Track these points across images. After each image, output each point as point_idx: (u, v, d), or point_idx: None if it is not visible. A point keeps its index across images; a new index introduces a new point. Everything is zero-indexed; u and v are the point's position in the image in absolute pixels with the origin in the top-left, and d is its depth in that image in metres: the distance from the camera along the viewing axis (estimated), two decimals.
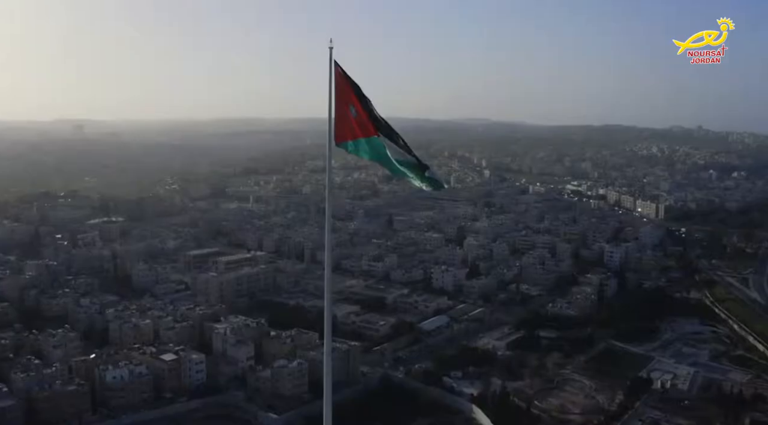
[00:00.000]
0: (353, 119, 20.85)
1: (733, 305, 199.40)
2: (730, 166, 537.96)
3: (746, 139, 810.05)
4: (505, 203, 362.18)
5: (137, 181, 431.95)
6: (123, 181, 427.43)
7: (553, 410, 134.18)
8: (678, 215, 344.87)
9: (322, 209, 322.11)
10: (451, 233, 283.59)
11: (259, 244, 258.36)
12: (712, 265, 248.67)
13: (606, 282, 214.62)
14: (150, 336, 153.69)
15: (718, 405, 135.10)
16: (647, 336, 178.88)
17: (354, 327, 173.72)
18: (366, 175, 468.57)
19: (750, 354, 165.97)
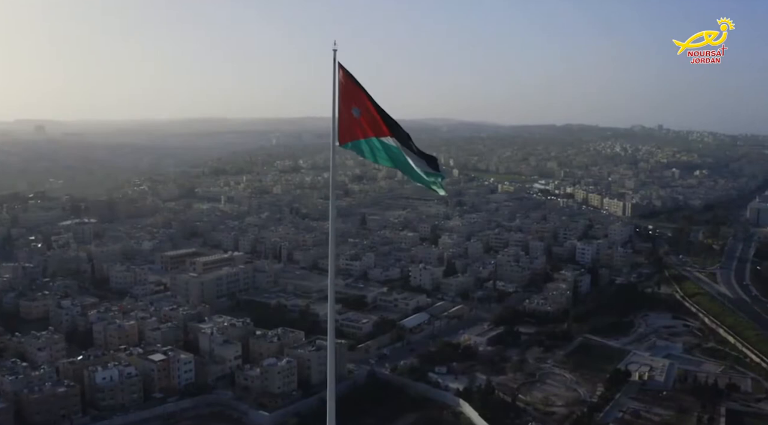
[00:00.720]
0: (356, 120, 21.10)
1: (702, 300, 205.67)
2: (692, 164, 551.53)
3: (706, 138, 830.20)
4: (476, 202, 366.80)
5: (104, 182, 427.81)
6: (89, 182, 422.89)
7: (537, 403, 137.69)
8: (644, 212, 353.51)
9: (295, 209, 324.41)
10: (425, 231, 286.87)
11: (235, 244, 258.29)
12: (681, 261, 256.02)
13: (580, 278, 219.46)
14: (135, 337, 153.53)
15: (695, 396, 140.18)
16: (622, 330, 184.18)
17: (337, 325, 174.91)
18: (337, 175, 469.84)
19: (722, 347, 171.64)
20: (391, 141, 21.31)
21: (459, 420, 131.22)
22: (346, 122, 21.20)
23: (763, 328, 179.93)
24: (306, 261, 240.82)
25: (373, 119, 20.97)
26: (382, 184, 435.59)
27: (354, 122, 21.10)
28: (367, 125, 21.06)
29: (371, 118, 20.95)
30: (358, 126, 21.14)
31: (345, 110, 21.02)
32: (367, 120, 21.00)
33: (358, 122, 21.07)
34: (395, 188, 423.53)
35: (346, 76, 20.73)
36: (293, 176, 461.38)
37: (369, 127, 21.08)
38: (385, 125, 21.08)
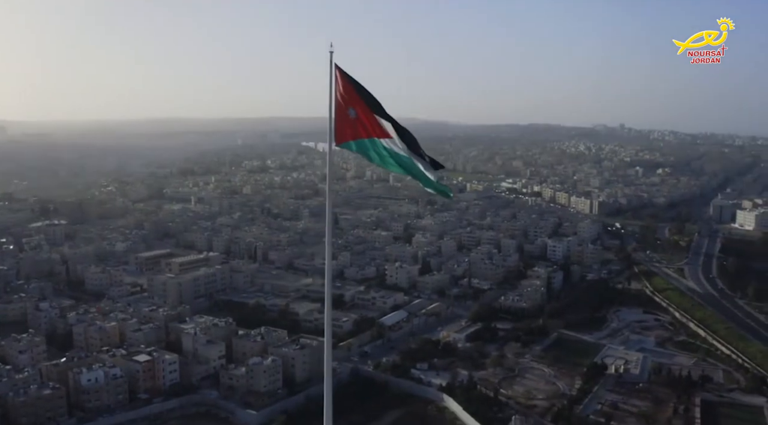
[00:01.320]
0: (353, 121, 21.10)
1: (672, 295, 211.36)
2: (655, 163, 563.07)
3: (667, 137, 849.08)
4: (446, 201, 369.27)
5: (70, 183, 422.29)
6: (55, 183, 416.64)
7: (519, 396, 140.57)
8: (611, 210, 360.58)
9: (267, 209, 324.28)
10: (398, 230, 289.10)
11: (209, 245, 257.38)
12: (649, 257, 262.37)
13: (553, 275, 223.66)
14: (116, 339, 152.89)
15: (670, 387, 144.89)
16: (596, 325, 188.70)
17: (317, 323, 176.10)
18: (305, 175, 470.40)
19: (692, 340, 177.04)
20: (387, 142, 21.28)
21: (444, 415, 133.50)
22: (342, 122, 21.24)
23: (732, 321, 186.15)
24: (281, 261, 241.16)
25: (370, 120, 21.01)
26: (352, 184, 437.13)
27: (351, 122, 21.14)
28: (363, 125, 21.09)
29: (367, 119, 20.99)
30: (355, 126, 21.19)
31: (341, 110, 21.13)
32: (363, 121, 21.03)
33: (354, 122, 21.11)
34: (365, 188, 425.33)
35: (342, 78, 20.88)
36: (262, 177, 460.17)
37: (366, 127, 21.12)
38: (381, 127, 21.09)
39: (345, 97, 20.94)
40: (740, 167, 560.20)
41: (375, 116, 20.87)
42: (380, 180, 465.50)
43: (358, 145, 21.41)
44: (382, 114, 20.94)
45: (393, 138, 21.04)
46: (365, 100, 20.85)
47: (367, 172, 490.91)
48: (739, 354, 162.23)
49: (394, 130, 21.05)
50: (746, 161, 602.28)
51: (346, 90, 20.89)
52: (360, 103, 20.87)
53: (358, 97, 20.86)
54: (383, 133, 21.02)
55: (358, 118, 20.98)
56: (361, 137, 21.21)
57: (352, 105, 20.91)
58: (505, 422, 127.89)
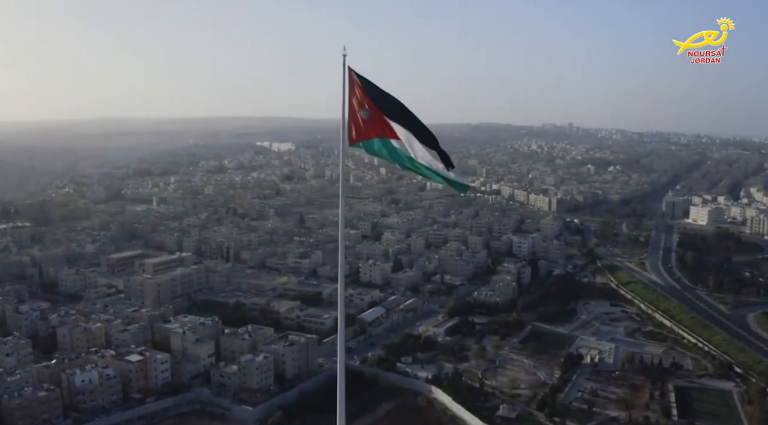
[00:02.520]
0: (366, 122, 21.62)
1: (636, 288, 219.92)
2: (605, 161, 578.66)
3: (614, 135, 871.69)
4: (409, 200, 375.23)
5: (23, 185, 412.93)
6: (8, 185, 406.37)
7: (503, 386, 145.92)
8: (569, 207, 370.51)
9: (232, 210, 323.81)
10: (366, 229, 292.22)
11: (179, 246, 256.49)
12: (610, 252, 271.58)
13: (522, 270, 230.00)
14: (102, 340, 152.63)
15: (644, 375, 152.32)
16: (567, 317, 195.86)
17: (299, 321, 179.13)
18: (265, 175, 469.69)
19: (659, 330, 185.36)
20: (397, 143, 21.69)
21: (433, 405, 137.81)
22: (356, 123, 21.86)
23: (695, 312, 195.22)
24: (253, 260, 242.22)
25: (382, 121, 21.55)
26: (313, 183, 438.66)
27: (364, 123, 21.71)
28: (375, 126, 21.66)
29: (379, 120, 21.53)
30: (368, 127, 21.76)
31: (354, 112, 21.71)
32: (375, 122, 21.61)
33: (367, 123, 21.68)
34: (326, 187, 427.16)
35: (356, 80, 21.46)
36: (222, 177, 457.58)
37: (378, 128, 21.67)
38: (392, 128, 21.54)
39: (358, 99, 21.49)
40: (688, 165, 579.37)
41: (385, 117, 21.37)
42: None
43: (369, 145, 22.00)
44: (392, 116, 21.39)
45: (401, 139, 21.46)
46: (376, 102, 21.37)
47: (327, 171, 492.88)
48: (705, 343, 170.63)
49: (405, 130, 21.39)
50: (693, 158, 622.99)
51: (360, 92, 21.45)
52: (372, 105, 21.40)
53: (370, 100, 21.37)
54: (393, 134, 21.52)
55: (370, 119, 21.54)
56: (372, 137, 21.81)
57: (365, 107, 21.46)
58: (493, 410, 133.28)
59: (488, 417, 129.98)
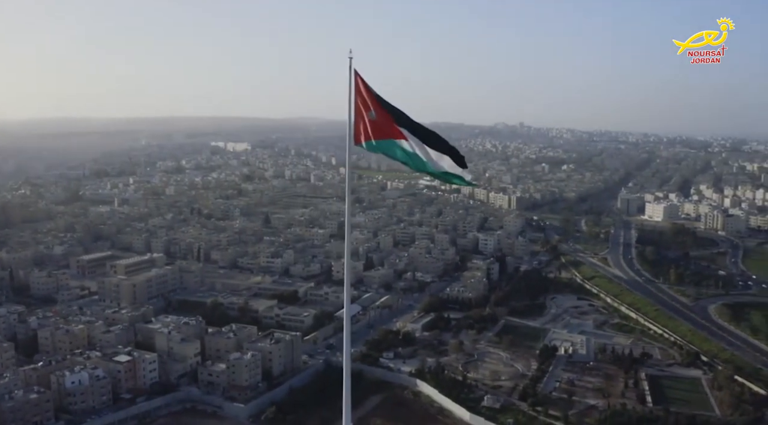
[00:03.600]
0: (372, 122, 22.18)
1: (600, 282, 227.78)
2: (558, 160, 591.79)
3: (565, 134, 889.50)
4: (372, 199, 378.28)
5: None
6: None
7: (485, 378, 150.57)
8: (528, 205, 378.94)
9: (196, 210, 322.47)
10: (333, 228, 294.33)
11: (147, 246, 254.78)
12: (573, 248, 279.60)
13: (491, 267, 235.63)
14: (84, 341, 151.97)
15: (616, 365, 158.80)
16: (537, 311, 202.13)
17: (278, 319, 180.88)
18: (225, 175, 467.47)
19: (626, 322, 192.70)
20: (403, 144, 22.37)
21: (420, 398, 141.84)
22: (362, 123, 22.39)
23: (659, 304, 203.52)
24: (225, 261, 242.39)
25: (388, 122, 22.18)
26: (275, 183, 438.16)
27: (370, 124, 22.23)
28: (382, 126, 22.20)
29: (386, 121, 22.14)
30: (374, 128, 22.27)
31: (360, 112, 22.29)
32: (382, 123, 22.14)
33: (373, 124, 22.20)
34: (288, 187, 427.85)
35: (362, 82, 22.02)
36: (181, 177, 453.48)
37: (384, 129, 22.23)
38: (398, 129, 22.27)
39: (365, 100, 22.06)
40: (638, 163, 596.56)
41: (391, 118, 22.09)
42: (301, 180, 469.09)
43: (376, 144, 22.52)
44: (398, 118, 22.19)
45: (408, 140, 22.19)
46: (382, 104, 22.06)
47: (287, 171, 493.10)
48: (670, 333, 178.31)
49: (410, 132, 22.26)
50: (642, 157, 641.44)
51: (367, 94, 22.03)
52: (378, 106, 22.04)
53: (376, 101, 22.01)
54: (400, 135, 22.19)
55: (377, 120, 22.09)
56: (379, 137, 22.34)
57: (373, 108, 22.03)
58: (477, 401, 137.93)
59: (474, 408, 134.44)
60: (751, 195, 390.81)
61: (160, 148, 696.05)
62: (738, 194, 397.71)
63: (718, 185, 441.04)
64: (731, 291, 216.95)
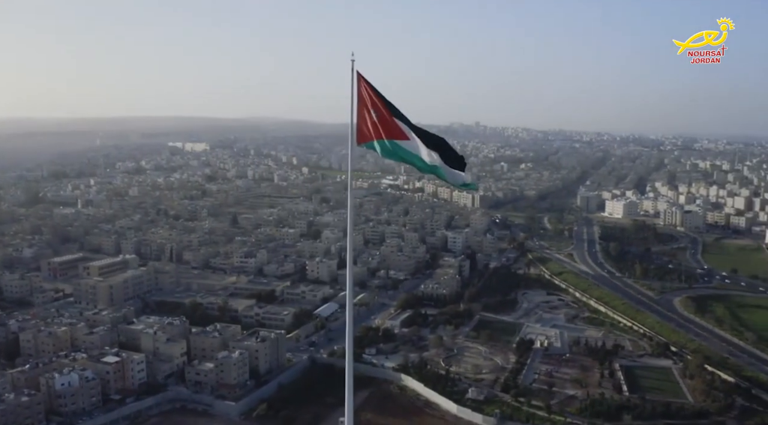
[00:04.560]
0: (374, 123, 22.47)
1: (568, 277, 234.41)
2: (516, 158, 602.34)
3: (521, 134, 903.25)
4: (339, 198, 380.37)
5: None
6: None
7: (467, 372, 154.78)
8: (491, 203, 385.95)
9: (163, 211, 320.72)
10: (302, 228, 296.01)
11: (117, 248, 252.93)
12: (539, 245, 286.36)
13: (463, 264, 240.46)
14: (68, 343, 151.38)
15: (591, 356, 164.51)
16: (510, 306, 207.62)
17: (258, 318, 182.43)
18: (187, 175, 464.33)
19: (596, 315, 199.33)
20: (405, 144, 22.70)
21: (405, 392, 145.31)
22: (365, 124, 22.68)
23: (626, 298, 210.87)
24: (197, 261, 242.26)
25: (391, 123, 22.52)
26: (239, 183, 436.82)
27: (373, 124, 22.53)
28: (384, 127, 22.48)
29: (388, 122, 22.47)
30: (377, 128, 22.54)
31: (363, 113, 22.59)
32: (384, 123, 22.46)
33: (376, 124, 22.48)
34: (252, 187, 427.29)
35: (365, 84, 22.35)
36: (142, 178, 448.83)
37: (387, 129, 22.51)
38: (401, 130, 22.65)
39: (368, 101, 22.35)
40: (593, 161, 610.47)
41: (395, 119, 22.50)
42: (264, 180, 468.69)
43: (378, 145, 22.77)
44: (401, 118, 22.65)
45: (410, 140, 22.60)
46: (386, 105, 22.41)
47: (249, 171, 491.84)
48: (639, 326, 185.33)
49: (412, 133, 22.69)
50: (597, 155, 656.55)
51: (369, 95, 22.34)
52: (381, 107, 22.35)
53: (379, 102, 22.32)
54: (403, 135, 22.57)
55: (380, 121, 22.39)
56: (381, 137, 22.56)
57: (375, 109, 22.33)
58: (462, 394, 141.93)
59: (459, 400, 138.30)
60: (705, 192, 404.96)
61: (118, 149, 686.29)
62: (692, 191, 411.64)
63: (672, 183, 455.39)
64: (694, 285, 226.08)
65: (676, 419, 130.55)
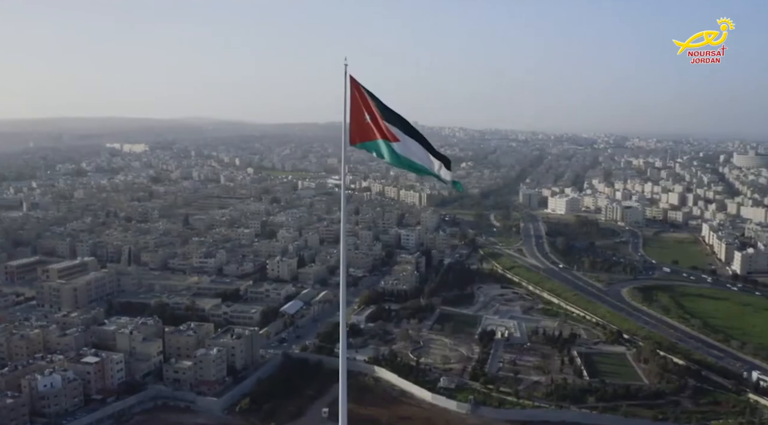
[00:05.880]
0: (367, 124, 23.07)
1: (520, 271, 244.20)
2: (456, 157, 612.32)
3: (458, 133, 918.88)
4: (289, 199, 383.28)
5: None
6: None
7: (436, 362, 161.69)
8: (437, 201, 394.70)
9: (112, 213, 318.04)
10: (256, 227, 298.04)
11: (72, 251, 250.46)
12: (489, 241, 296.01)
13: (419, 260, 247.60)
14: (41, 346, 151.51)
15: (549, 345, 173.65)
16: (467, 300, 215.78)
17: (227, 317, 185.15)
18: (132, 177, 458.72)
19: (549, 306, 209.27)
20: (396, 145, 23.11)
21: (380, 383, 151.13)
22: (358, 125, 23.24)
23: (577, 289, 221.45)
24: (155, 262, 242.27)
25: (382, 124, 23.00)
26: (185, 184, 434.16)
27: (366, 126, 23.14)
28: (376, 129, 23.08)
29: (380, 124, 22.99)
30: (369, 130, 23.17)
31: (357, 115, 23.14)
32: (376, 125, 23.03)
33: (368, 126, 23.10)
34: (199, 188, 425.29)
35: (357, 87, 23.00)
36: (85, 180, 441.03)
37: (378, 131, 23.08)
38: (394, 130, 22.99)
39: (361, 104, 23.01)
40: (531, 160, 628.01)
41: (385, 122, 22.95)
42: (210, 181, 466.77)
43: (370, 145, 23.41)
44: (391, 120, 23.00)
45: (401, 141, 23.00)
46: (377, 107, 23.01)
47: (194, 172, 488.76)
48: (592, 315, 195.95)
49: (402, 134, 23.03)
50: (534, 154, 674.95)
51: (362, 98, 23.00)
52: (372, 110, 23.00)
53: (371, 105, 22.99)
54: (393, 136, 22.98)
55: (372, 122, 23.04)
56: (373, 138, 23.24)
57: (367, 111, 23.00)
58: (434, 383, 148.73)
59: (432, 389, 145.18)
60: (641, 188, 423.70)
61: (54, 151, 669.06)
62: (628, 187, 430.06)
63: (608, 180, 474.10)
64: (638, 276, 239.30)
65: (635, 400, 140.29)
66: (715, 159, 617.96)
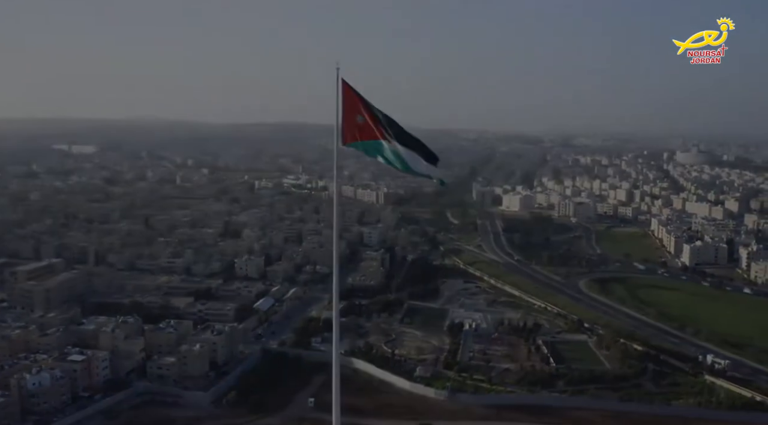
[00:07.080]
0: (360, 125, 24.06)
1: (481, 266, 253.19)
2: None
3: None
4: (248, 198, 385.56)
5: None
6: None
7: (410, 354, 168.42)
8: (395, 200, 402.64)
9: (71, 215, 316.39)
10: (219, 227, 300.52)
11: (36, 252, 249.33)
12: (448, 238, 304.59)
13: (384, 257, 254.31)
14: (22, 346, 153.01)
15: (515, 335, 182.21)
16: (433, 294, 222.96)
17: (201, 314, 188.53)
18: (87, 178, 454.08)
19: (512, 299, 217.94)
20: (388, 146, 24.14)
21: (359, 374, 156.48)
22: (350, 126, 24.23)
23: (536, 282, 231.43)
24: (122, 263, 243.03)
25: (374, 125, 23.99)
26: (141, 185, 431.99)
27: (358, 127, 24.12)
28: (368, 129, 24.06)
29: (372, 124, 23.98)
30: (362, 130, 24.16)
31: (349, 117, 24.16)
32: (369, 126, 24.01)
33: (361, 127, 24.08)
34: (156, 189, 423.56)
35: (349, 89, 23.97)
36: (39, 182, 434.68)
37: (371, 131, 24.07)
38: (384, 131, 24.03)
39: (354, 105, 24.00)
40: (481, 158, 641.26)
41: (377, 123, 23.97)
42: (166, 181, 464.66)
43: (363, 145, 24.46)
44: (381, 121, 23.99)
45: (392, 142, 24.03)
46: (369, 109, 24.02)
47: (149, 173, 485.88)
48: (552, 306, 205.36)
49: (393, 134, 24.05)
50: (485, 152, 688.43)
51: (354, 100, 24.01)
52: (365, 111, 24.00)
53: (363, 107, 23.97)
54: (384, 136, 24.04)
55: (365, 123, 24.03)
56: (365, 138, 24.26)
57: (360, 113, 23.98)
58: (410, 373, 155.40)
59: (410, 378, 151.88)
60: (589, 185, 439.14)
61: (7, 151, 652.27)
62: (577, 184, 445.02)
63: (558, 177, 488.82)
64: (594, 269, 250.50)
65: (601, 383, 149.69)
66: (659, 157, 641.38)
